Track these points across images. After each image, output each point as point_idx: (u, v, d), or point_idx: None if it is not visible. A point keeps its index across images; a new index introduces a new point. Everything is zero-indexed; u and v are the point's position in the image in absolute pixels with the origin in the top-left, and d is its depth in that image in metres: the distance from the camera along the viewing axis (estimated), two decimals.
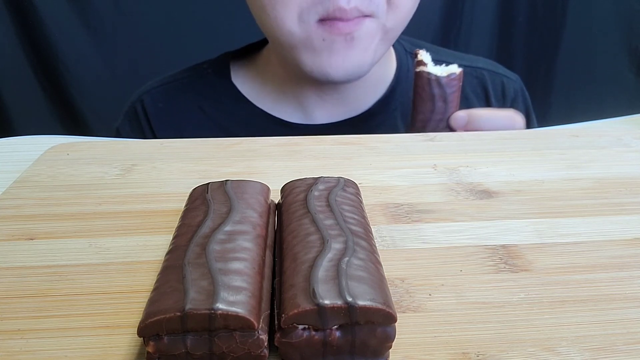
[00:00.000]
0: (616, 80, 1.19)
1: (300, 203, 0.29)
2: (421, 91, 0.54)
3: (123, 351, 0.24)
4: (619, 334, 0.25)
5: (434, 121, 0.54)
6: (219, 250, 0.25)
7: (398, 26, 0.58)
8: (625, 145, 0.45)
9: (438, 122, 0.54)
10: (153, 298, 0.23)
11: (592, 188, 0.38)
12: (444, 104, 0.54)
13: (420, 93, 0.54)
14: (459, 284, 0.28)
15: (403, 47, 0.68)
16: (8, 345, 0.24)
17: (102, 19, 1.09)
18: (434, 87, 0.53)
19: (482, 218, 0.35)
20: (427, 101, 0.53)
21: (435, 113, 0.54)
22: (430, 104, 0.54)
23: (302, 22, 0.55)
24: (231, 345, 0.22)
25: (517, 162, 0.42)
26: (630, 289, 0.28)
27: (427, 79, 0.53)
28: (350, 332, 0.22)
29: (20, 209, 0.36)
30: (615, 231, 0.33)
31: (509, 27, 1.19)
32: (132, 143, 0.48)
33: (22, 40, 1.09)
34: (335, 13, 0.53)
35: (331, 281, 0.22)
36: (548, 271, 0.29)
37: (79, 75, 1.12)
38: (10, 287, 0.28)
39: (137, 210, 0.36)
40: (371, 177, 0.40)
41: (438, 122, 0.54)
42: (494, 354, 0.24)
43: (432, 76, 0.53)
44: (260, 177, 0.35)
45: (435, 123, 0.54)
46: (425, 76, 0.53)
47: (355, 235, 0.26)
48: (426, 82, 0.53)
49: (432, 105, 0.53)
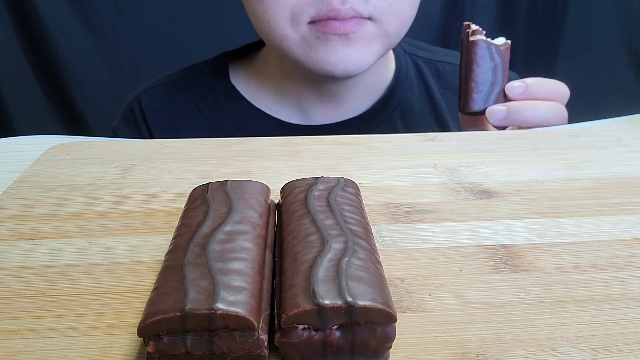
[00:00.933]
0: (616, 80, 1.19)
1: (300, 203, 0.29)
2: (480, 61, 0.51)
3: (123, 351, 0.24)
4: (619, 334, 0.25)
5: (494, 93, 0.52)
6: (219, 250, 0.25)
7: (399, 31, 0.58)
8: (625, 145, 0.45)
9: (495, 94, 0.52)
10: (153, 298, 0.23)
11: (592, 188, 0.38)
12: (502, 75, 0.52)
13: (480, 63, 0.51)
14: (459, 284, 0.28)
15: (402, 47, 0.68)
16: (8, 345, 0.24)
17: (102, 19, 1.09)
18: (495, 56, 0.51)
19: (482, 218, 0.35)
20: (488, 72, 0.52)
21: (495, 84, 0.52)
22: (491, 75, 0.52)
23: (294, 24, 0.55)
24: (231, 345, 0.22)
25: (517, 162, 0.42)
26: (630, 289, 0.28)
27: (487, 47, 0.51)
28: (350, 332, 0.22)
29: (20, 209, 0.36)
30: (615, 231, 0.33)
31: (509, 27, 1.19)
32: (132, 143, 0.48)
33: (22, 40, 1.09)
34: (329, 13, 0.53)
35: (331, 281, 0.22)
36: (548, 271, 0.29)
37: (79, 75, 1.12)
38: (10, 287, 0.28)
39: (137, 210, 0.36)
40: (371, 177, 0.40)
41: (495, 94, 0.52)
42: (494, 354, 0.24)
43: (492, 45, 0.51)
44: (260, 177, 0.35)
45: (495, 95, 0.52)
46: (485, 45, 0.51)
47: (355, 235, 0.26)
48: (487, 52, 0.51)
49: (493, 75, 0.52)
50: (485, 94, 0.53)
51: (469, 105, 0.54)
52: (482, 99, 0.53)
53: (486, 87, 0.52)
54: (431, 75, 0.69)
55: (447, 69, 0.69)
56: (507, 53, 0.52)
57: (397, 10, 0.56)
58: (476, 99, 0.53)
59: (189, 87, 0.69)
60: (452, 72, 0.68)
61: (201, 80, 0.69)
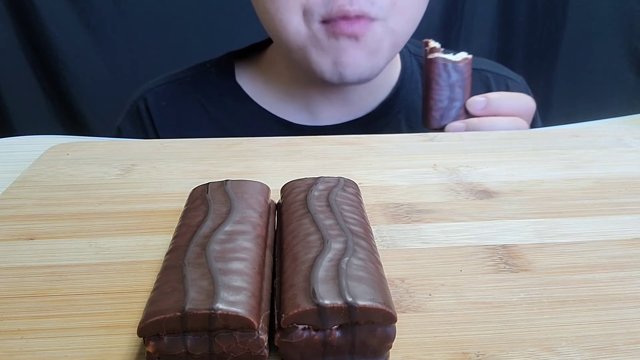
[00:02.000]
0: (616, 80, 1.19)
1: (300, 203, 0.29)
2: (438, 78, 0.52)
3: (123, 351, 0.24)
4: (619, 334, 0.25)
5: (452, 109, 0.53)
6: (219, 250, 0.25)
7: (406, 30, 0.58)
8: (625, 145, 0.45)
9: (456, 109, 0.53)
10: (153, 298, 0.23)
11: (592, 188, 0.38)
12: (462, 90, 0.53)
13: (438, 80, 0.52)
14: (459, 284, 0.28)
15: (407, 48, 0.68)
16: (8, 345, 0.24)
17: (102, 19, 1.09)
18: (452, 73, 0.52)
19: (482, 218, 0.35)
20: (446, 89, 0.52)
21: (454, 100, 0.52)
22: (448, 91, 0.52)
23: (306, 23, 0.55)
24: (231, 345, 0.22)
25: (517, 162, 0.42)
26: (630, 289, 0.28)
27: (443, 65, 0.51)
28: (350, 332, 0.22)
29: (20, 209, 0.36)
30: (615, 231, 0.33)
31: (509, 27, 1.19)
32: (132, 143, 0.48)
33: (22, 40, 1.09)
34: (338, 13, 0.53)
35: (331, 281, 0.22)
36: (548, 271, 0.29)
37: (79, 75, 1.12)
38: (10, 287, 0.28)
39: (137, 210, 0.36)
40: (371, 177, 0.40)
41: (455, 110, 0.53)
42: (494, 354, 0.24)
43: (449, 62, 0.52)
44: (260, 177, 0.35)
45: (453, 111, 0.53)
46: (442, 62, 0.52)
47: (355, 235, 0.26)
48: (443, 69, 0.52)
49: (450, 92, 0.52)
50: (444, 110, 0.53)
51: (430, 122, 0.55)
52: (440, 116, 0.54)
53: (444, 103, 0.53)
54: None
55: None
56: (468, 68, 0.53)
57: (403, 8, 0.56)
58: (435, 116, 0.54)
59: (194, 86, 0.69)
60: None
61: (207, 79, 0.69)
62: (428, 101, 0.54)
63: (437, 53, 0.52)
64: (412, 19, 0.58)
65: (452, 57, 0.52)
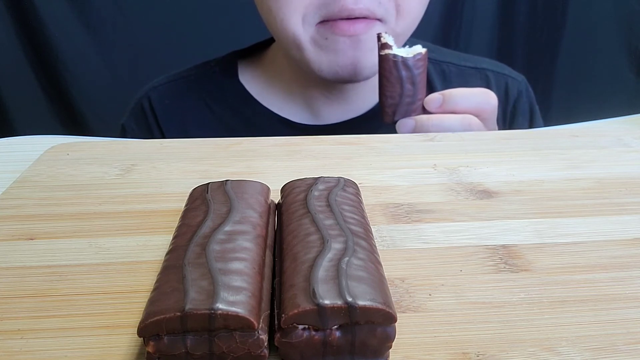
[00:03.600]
0: (616, 80, 1.19)
1: (300, 203, 0.29)
2: (389, 75, 0.52)
3: (123, 351, 0.24)
4: (619, 334, 0.25)
5: (404, 105, 0.53)
6: (219, 250, 0.25)
7: (407, 31, 0.59)
8: (625, 145, 0.45)
9: (408, 105, 0.53)
10: (153, 298, 0.23)
11: (592, 188, 0.38)
12: (412, 86, 0.52)
13: (388, 77, 0.52)
14: (459, 284, 0.28)
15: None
16: (8, 345, 0.24)
17: (102, 19, 1.09)
18: (401, 70, 0.51)
19: (482, 218, 0.35)
20: (396, 85, 0.52)
21: (405, 96, 0.52)
22: (398, 87, 0.52)
23: (305, 23, 0.55)
24: (231, 345, 0.22)
25: (517, 162, 0.42)
26: (630, 289, 0.28)
27: (393, 61, 0.51)
28: (350, 332, 0.22)
29: (20, 209, 0.36)
30: (615, 231, 0.33)
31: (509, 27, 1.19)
32: (132, 143, 0.48)
33: (22, 40, 1.09)
34: (341, 13, 0.54)
35: (331, 281, 0.22)
36: (548, 271, 0.29)
37: (79, 75, 1.12)
38: (10, 287, 0.28)
39: (137, 210, 0.36)
40: (371, 177, 0.40)
41: (408, 106, 0.53)
42: (494, 354, 0.24)
43: (399, 58, 0.51)
44: (260, 177, 0.35)
45: (405, 107, 0.53)
46: (392, 59, 0.51)
47: (355, 235, 0.26)
48: (393, 65, 0.51)
49: (400, 88, 0.52)
50: (397, 106, 0.53)
51: (384, 117, 0.55)
52: (393, 112, 0.53)
53: (395, 100, 0.53)
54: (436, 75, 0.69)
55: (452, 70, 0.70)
56: (421, 63, 0.52)
57: (407, 11, 0.56)
58: (388, 112, 0.54)
59: (198, 85, 0.69)
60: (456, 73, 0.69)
61: (210, 78, 0.69)
62: (381, 97, 0.54)
63: (387, 50, 0.52)
64: (415, 19, 0.59)
65: (403, 52, 0.52)
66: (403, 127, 0.53)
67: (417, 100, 0.53)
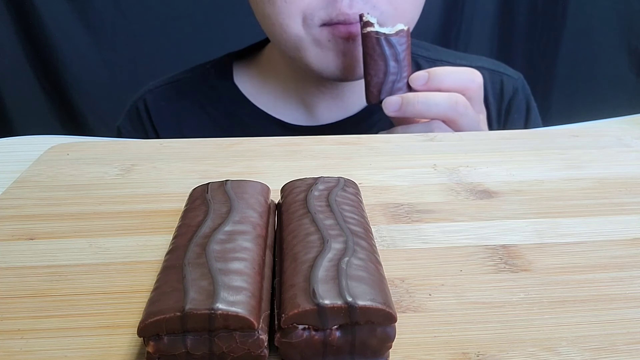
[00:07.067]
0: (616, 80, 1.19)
1: (300, 203, 0.29)
2: (372, 52, 0.52)
3: (123, 351, 0.24)
4: (619, 334, 0.25)
5: (389, 83, 0.52)
6: (219, 250, 0.25)
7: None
8: (625, 145, 0.45)
9: (393, 83, 0.52)
10: (153, 298, 0.23)
11: (592, 188, 0.38)
12: (397, 64, 0.52)
13: (372, 54, 0.52)
14: (459, 284, 0.28)
15: None
16: (8, 345, 0.24)
17: (102, 19, 1.09)
18: (384, 46, 0.51)
19: (482, 218, 0.35)
20: (380, 62, 0.52)
21: (390, 74, 0.52)
22: (383, 65, 0.52)
23: (306, 26, 0.56)
24: (231, 345, 0.22)
25: (517, 162, 0.42)
26: (630, 289, 0.28)
27: (376, 39, 0.51)
28: (350, 332, 0.22)
29: (20, 209, 0.36)
30: (615, 231, 0.33)
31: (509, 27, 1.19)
32: (132, 143, 0.48)
33: (22, 40, 1.09)
34: (338, 17, 0.54)
35: (331, 281, 0.22)
36: (548, 271, 0.29)
37: (79, 75, 1.12)
38: (10, 287, 0.28)
39: (137, 210, 0.36)
40: (371, 177, 0.40)
41: (393, 84, 0.52)
42: (494, 354, 0.24)
43: (381, 35, 0.51)
44: (260, 177, 0.35)
45: (390, 85, 0.53)
46: (374, 36, 0.51)
47: (355, 235, 0.26)
48: (376, 43, 0.51)
49: (385, 66, 0.52)
50: (382, 85, 0.53)
51: (368, 97, 0.54)
52: (378, 91, 0.53)
53: (380, 78, 0.52)
54: None
55: None
56: (404, 40, 0.52)
57: (402, 12, 0.57)
58: (373, 91, 0.53)
59: (194, 87, 0.69)
60: None
61: (206, 80, 0.69)
62: (365, 76, 0.53)
63: (369, 27, 0.52)
64: (411, 20, 0.59)
65: (386, 30, 0.52)
66: (389, 105, 0.52)
67: (402, 79, 0.53)
